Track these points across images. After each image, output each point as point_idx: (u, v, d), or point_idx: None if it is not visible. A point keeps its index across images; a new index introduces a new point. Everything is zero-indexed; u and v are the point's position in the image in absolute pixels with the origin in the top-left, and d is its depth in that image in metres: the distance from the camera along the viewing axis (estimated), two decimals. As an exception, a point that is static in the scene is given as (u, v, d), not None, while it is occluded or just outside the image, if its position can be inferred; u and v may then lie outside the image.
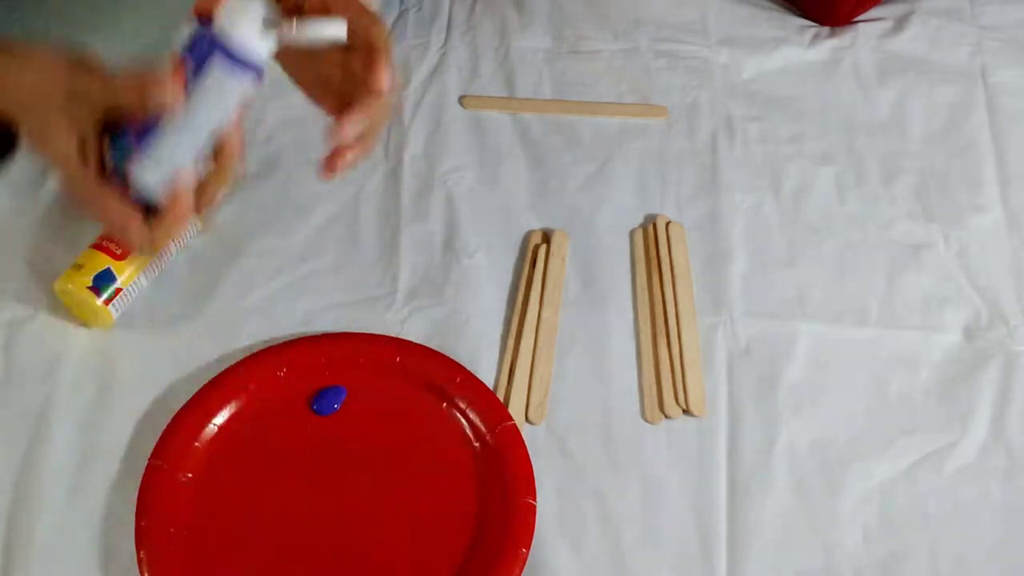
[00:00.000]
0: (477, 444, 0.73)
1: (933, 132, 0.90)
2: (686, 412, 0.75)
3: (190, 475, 0.71)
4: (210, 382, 0.74)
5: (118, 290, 0.76)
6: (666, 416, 0.75)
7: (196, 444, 0.72)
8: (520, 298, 0.80)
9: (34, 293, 0.79)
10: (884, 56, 0.95)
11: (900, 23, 0.97)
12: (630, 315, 0.80)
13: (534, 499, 0.70)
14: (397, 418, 0.74)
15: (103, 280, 0.75)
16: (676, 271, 0.81)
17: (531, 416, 0.74)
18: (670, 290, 0.80)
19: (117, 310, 0.76)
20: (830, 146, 0.89)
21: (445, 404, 0.74)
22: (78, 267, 0.75)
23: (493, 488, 0.70)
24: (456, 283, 0.80)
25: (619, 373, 0.77)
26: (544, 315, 0.79)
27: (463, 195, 0.85)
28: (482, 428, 0.73)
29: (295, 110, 0.89)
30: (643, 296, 0.80)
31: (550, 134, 0.90)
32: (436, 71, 0.93)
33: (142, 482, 0.69)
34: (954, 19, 0.97)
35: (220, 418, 0.73)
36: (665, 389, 0.76)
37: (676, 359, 0.77)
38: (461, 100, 0.91)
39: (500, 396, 0.75)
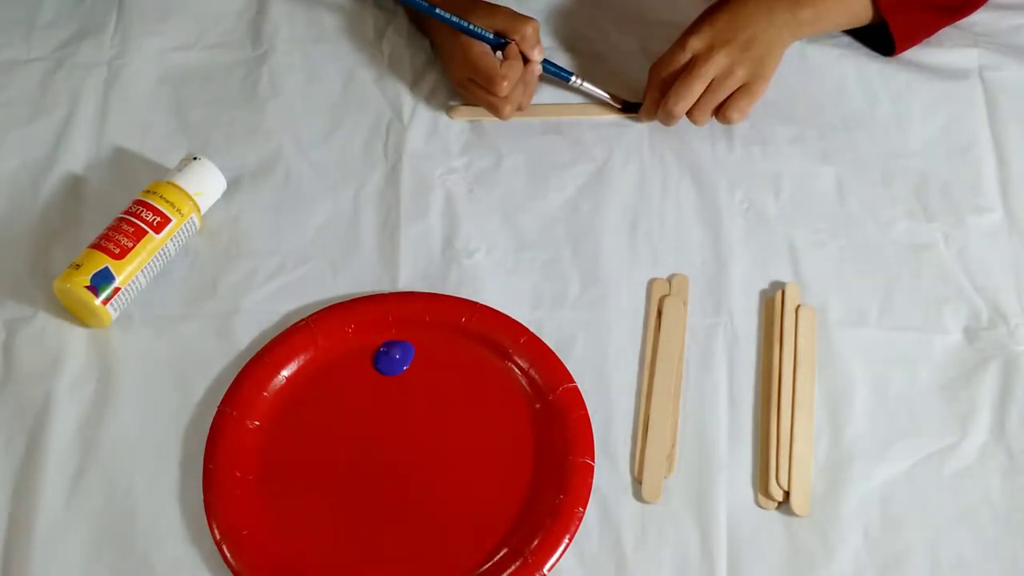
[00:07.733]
0: (538, 404, 0.74)
1: (933, 132, 0.90)
2: (781, 503, 0.72)
3: (258, 423, 0.73)
4: (279, 335, 0.76)
5: (116, 289, 0.75)
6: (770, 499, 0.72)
7: (265, 393, 0.74)
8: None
9: (33, 293, 0.79)
10: (884, 56, 0.95)
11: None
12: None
13: (592, 459, 0.71)
14: (460, 375, 0.75)
15: (101, 279, 0.75)
16: (799, 356, 0.77)
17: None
18: (789, 373, 0.76)
19: (116, 310, 0.76)
20: (830, 146, 0.89)
21: (508, 364, 0.75)
22: (76, 266, 0.75)
23: (552, 447, 0.72)
24: (456, 283, 0.80)
25: (620, 368, 0.77)
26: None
27: (462, 195, 0.85)
28: (544, 388, 0.74)
29: (295, 109, 0.90)
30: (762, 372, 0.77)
31: (550, 134, 0.90)
32: (435, 71, 0.93)
33: (211, 427, 0.72)
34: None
35: (288, 370, 0.75)
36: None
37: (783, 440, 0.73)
38: (448, 111, 0.90)
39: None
